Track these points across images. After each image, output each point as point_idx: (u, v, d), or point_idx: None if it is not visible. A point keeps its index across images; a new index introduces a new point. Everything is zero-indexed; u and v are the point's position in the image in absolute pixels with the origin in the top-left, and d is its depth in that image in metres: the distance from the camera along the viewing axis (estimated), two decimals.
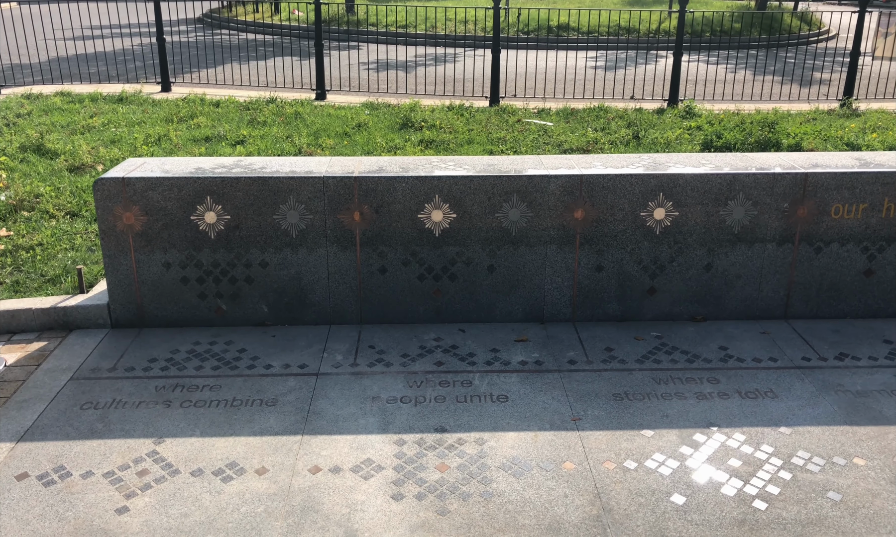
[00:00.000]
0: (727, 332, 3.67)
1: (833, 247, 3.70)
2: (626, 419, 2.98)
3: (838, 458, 2.74)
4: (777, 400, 3.11)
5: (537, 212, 3.61)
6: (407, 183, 3.54)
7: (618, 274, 3.71)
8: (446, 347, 3.52)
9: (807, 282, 3.76)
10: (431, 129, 7.95)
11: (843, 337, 3.63)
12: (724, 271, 3.73)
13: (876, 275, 3.75)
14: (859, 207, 3.65)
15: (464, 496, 2.55)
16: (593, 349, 3.52)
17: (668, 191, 3.59)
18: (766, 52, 14.11)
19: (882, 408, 3.04)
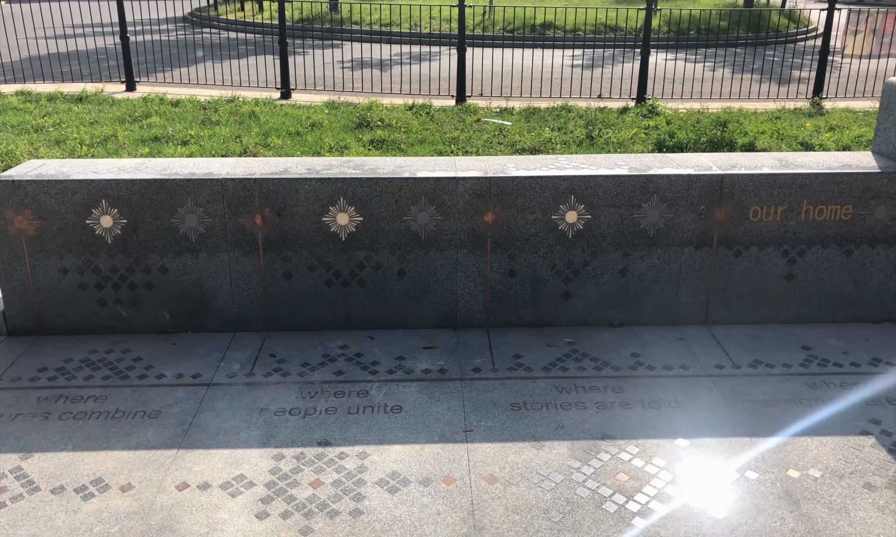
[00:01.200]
0: (642, 339, 3.56)
1: (752, 250, 3.60)
2: (520, 430, 2.87)
3: (733, 469, 2.64)
4: (680, 410, 3.00)
5: (447, 216, 3.50)
6: (310, 185, 3.43)
7: (531, 278, 3.61)
8: (350, 356, 3.41)
9: (727, 286, 3.66)
10: (385, 129, 7.84)
11: (761, 343, 3.53)
12: (640, 276, 3.62)
13: (797, 280, 3.65)
14: (778, 210, 3.55)
15: (332, 514, 2.44)
16: (501, 356, 3.41)
17: (579, 193, 3.49)
18: (752, 49, 14.07)
19: (785, 419, 2.94)
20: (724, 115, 8.51)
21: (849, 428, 2.89)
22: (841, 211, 3.55)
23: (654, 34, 17.71)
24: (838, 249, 3.61)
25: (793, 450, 2.75)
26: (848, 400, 3.07)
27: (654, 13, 18.46)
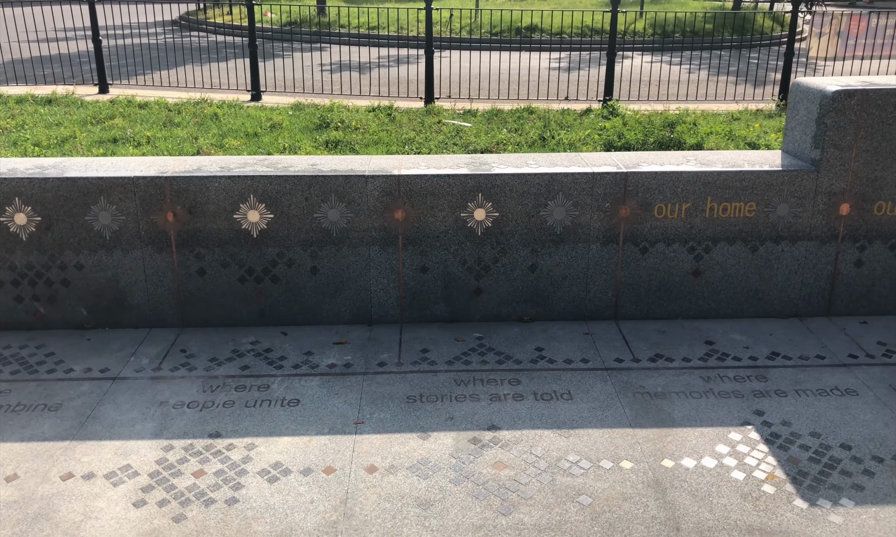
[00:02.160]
0: (550, 333, 3.63)
1: (659, 247, 3.67)
2: (410, 422, 2.93)
3: (606, 462, 2.70)
4: (571, 402, 3.07)
5: (357, 213, 3.56)
6: (220, 183, 3.49)
7: (443, 275, 3.67)
8: (260, 351, 3.47)
9: (635, 282, 3.73)
10: (343, 130, 7.91)
11: (666, 338, 3.60)
12: (549, 272, 3.69)
13: (704, 276, 3.73)
14: (682, 207, 3.62)
15: (208, 502, 2.50)
16: (409, 351, 3.47)
17: (486, 191, 3.55)
18: (736, 52, 14.15)
19: (673, 410, 3.01)
20: (674, 117, 8.59)
21: (731, 419, 2.95)
22: (745, 208, 3.62)
23: (638, 37, 17.85)
24: (744, 246, 3.68)
25: (672, 441, 2.82)
26: (738, 392, 3.14)
27: (640, 16, 18.75)
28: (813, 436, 2.84)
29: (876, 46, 11.14)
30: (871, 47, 11.10)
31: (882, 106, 3.49)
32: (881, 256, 3.72)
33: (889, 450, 2.76)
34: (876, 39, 11.07)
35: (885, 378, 3.23)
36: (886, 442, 2.80)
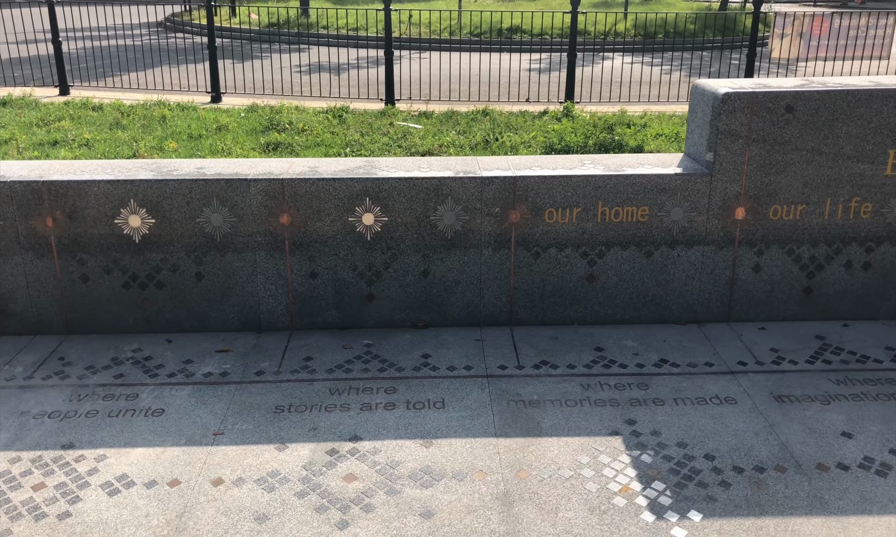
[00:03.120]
0: (441, 340, 3.57)
1: (551, 252, 3.61)
2: (271, 433, 2.86)
3: (461, 473, 2.63)
4: (443, 410, 3.01)
5: (241, 218, 3.50)
6: (99, 187, 3.42)
7: (333, 280, 3.61)
8: (139, 359, 3.40)
9: (528, 287, 3.67)
10: (288, 133, 7.84)
11: (557, 344, 3.54)
12: (442, 277, 3.63)
13: (599, 281, 3.67)
14: (573, 211, 3.55)
15: (39, 516, 2.43)
16: (292, 359, 3.41)
17: (374, 195, 3.49)
18: (718, 53, 14.09)
19: (543, 419, 2.94)
20: (626, 119, 8.53)
21: (601, 428, 2.89)
22: (637, 212, 3.56)
23: (620, 38, 17.79)
24: (638, 251, 3.62)
25: (533, 451, 2.76)
26: (615, 401, 3.08)
27: (625, 18, 18.67)
28: (679, 447, 2.78)
29: (839, 47, 11.11)
30: (833, 48, 11.07)
31: (773, 109, 3.43)
32: (779, 261, 3.66)
33: (752, 460, 2.70)
34: (839, 40, 11.03)
35: (768, 386, 3.18)
36: (752, 452, 2.74)
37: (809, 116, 3.45)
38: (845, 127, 3.46)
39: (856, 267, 3.68)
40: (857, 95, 3.42)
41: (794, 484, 2.58)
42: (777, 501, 2.50)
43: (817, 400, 3.07)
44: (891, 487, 2.56)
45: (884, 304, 3.74)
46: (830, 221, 3.60)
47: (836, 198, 3.56)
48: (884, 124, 3.46)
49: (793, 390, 3.14)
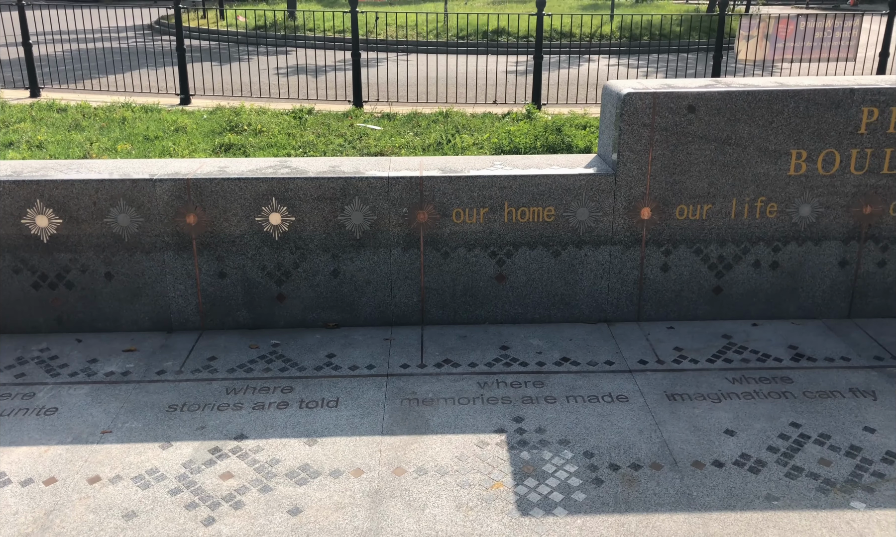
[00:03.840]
0: (350, 339, 3.58)
1: (460, 252, 3.63)
2: (159, 432, 2.88)
3: (339, 470, 2.65)
4: (335, 409, 3.02)
5: (148, 218, 3.51)
6: (3, 187, 3.43)
7: (243, 280, 3.62)
8: (45, 358, 3.41)
9: (439, 287, 3.69)
10: (245, 134, 7.85)
11: (464, 343, 3.55)
12: (352, 277, 3.65)
13: (508, 281, 3.69)
14: (480, 212, 3.58)
15: None
16: (196, 358, 3.42)
17: (280, 195, 3.51)
18: (704, 55, 14.14)
19: (433, 417, 2.96)
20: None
21: (488, 425, 2.91)
22: (543, 212, 3.58)
23: (606, 40, 17.80)
24: (546, 251, 3.64)
25: (416, 449, 2.77)
26: (508, 398, 3.10)
27: (611, 20, 18.69)
28: (561, 444, 2.80)
29: (805, 49, 11.15)
30: (800, 50, 11.12)
31: (674, 109, 3.46)
32: (687, 261, 3.69)
33: (630, 458, 2.72)
34: (805, 42, 11.08)
35: (664, 384, 3.20)
36: (632, 450, 2.77)
37: (712, 117, 3.47)
38: (747, 127, 3.49)
39: (764, 266, 3.70)
40: (758, 96, 3.45)
41: (665, 481, 2.60)
42: (645, 498, 2.52)
43: (709, 398, 3.10)
44: (760, 483, 2.58)
45: (793, 303, 3.77)
46: (737, 221, 3.63)
47: (741, 198, 3.59)
48: (785, 124, 3.49)
49: (687, 388, 3.17)
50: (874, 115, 3.47)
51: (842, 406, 3.03)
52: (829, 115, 3.48)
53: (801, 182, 3.57)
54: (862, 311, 3.78)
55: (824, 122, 3.49)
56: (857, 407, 3.02)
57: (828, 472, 2.63)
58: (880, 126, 3.49)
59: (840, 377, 3.24)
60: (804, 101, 3.46)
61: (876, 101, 3.46)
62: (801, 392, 3.13)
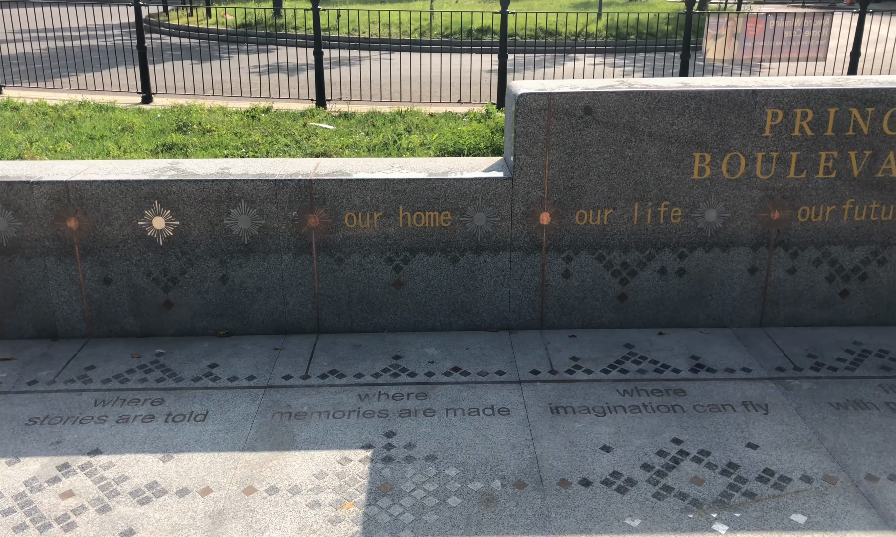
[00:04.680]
0: (239, 348, 3.46)
1: (355, 257, 3.50)
2: (11, 447, 2.73)
3: (186, 489, 2.53)
4: (202, 424, 2.89)
5: (27, 221, 3.38)
6: None
7: (128, 287, 3.50)
8: None
9: (335, 294, 3.56)
10: (192, 134, 7.71)
11: (357, 352, 3.43)
12: (242, 283, 3.52)
13: (406, 287, 3.56)
14: (374, 216, 3.45)
15: None
16: (75, 367, 3.29)
17: (163, 199, 3.38)
18: (692, 53, 14.04)
19: (301, 432, 2.83)
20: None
21: (356, 440, 2.79)
22: (440, 217, 3.46)
23: (592, 39, 17.64)
24: (444, 256, 3.52)
25: (275, 466, 2.65)
26: (385, 411, 2.97)
27: (598, 19, 18.55)
28: (427, 460, 2.68)
29: (775, 49, 11.04)
30: (769, 49, 11.00)
31: (570, 111, 3.34)
32: (590, 267, 3.57)
33: (496, 475, 2.59)
34: (774, 41, 10.97)
35: (551, 396, 3.08)
36: (499, 467, 2.64)
37: (610, 118, 3.35)
38: (648, 129, 3.37)
39: (670, 273, 3.59)
40: (657, 97, 3.33)
41: (525, 501, 2.48)
42: (500, 520, 2.40)
43: (593, 411, 2.98)
44: (623, 505, 2.46)
45: (702, 311, 3.65)
46: (640, 227, 3.51)
47: (644, 202, 3.47)
48: (687, 127, 3.37)
49: (573, 401, 3.05)
50: (778, 117, 3.36)
51: (730, 421, 2.91)
52: (731, 117, 3.36)
53: (706, 186, 3.46)
54: (774, 319, 3.67)
55: (727, 125, 3.37)
56: (745, 421, 2.90)
57: (698, 492, 2.52)
58: (785, 129, 3.37)
59: (736, 389, 3.13)
60: (706, 103, 3.34)
61: (779, 103, 3.34)
62: (692, 406, 3.02)
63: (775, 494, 2.50)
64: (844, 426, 2.87)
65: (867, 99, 3.34)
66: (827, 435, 2.82)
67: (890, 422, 2.89)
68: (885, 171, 3.44)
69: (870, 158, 3.42)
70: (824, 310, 3.65)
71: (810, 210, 3.50)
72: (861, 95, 3.34)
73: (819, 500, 2.47)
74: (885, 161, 3.42)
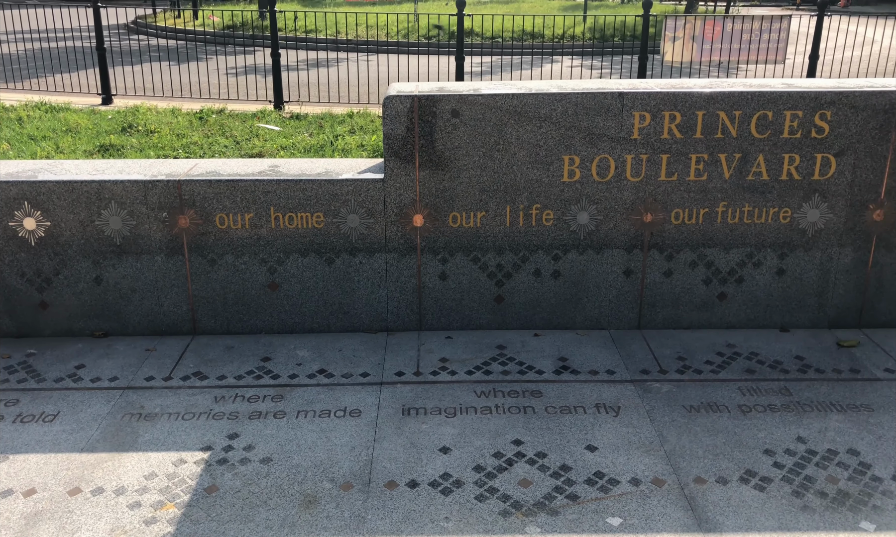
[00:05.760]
0: (112, 349, 3.44)
1: (227, 258, 3.50)
2: None
3: (17, 489, 2.52)
4: (50, 424, 2.88)
5: None
6: None
7: (2, 287, 3.48)
8: None
9: (210, 295, 3.56)
10: (135, 134, 7.71)
11: (229, 354, 3.42)
12: (116, 284, 3.52)
13: (282, 289, 3.56)
14: (245, 217, 3.45)
15: None
16: None
17: (32, 199, 3.38)
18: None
19: (146, 433, 2.82)
20: None
21: (197, 442, 2.78)
22: (312, 219, 3.46)
23: (577, 41, 17.61)
24: (318, 258, 3.52)
25: (109, 467, 2.63)
26: (237, 413, 2.96)
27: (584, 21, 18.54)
28: (262, 462, 2.68)
29: (734, 51, 11.06)
30: (728, 52, 11.02)
31: (438, 113, 3.34)
32: (466, 269, 3.57)
33: (325, 477, 2.59)
34: (732, 44, 10.99)
35: (408, 397, 3.08)
36: (332, 469, 2.64)
37: (477, 121, 3.36)
38: (515, 132, 3.37)
39: (545, 275, 3.59)
40: (524, 100, 3.33)
41: (346, 503, 2.48)
42: (314, 522, 2.40)
43: (445, 413, 2.98)
44: (443, 506, 2.46)
45: (579, 313, 3.65)
46: (513, 229, 3.51)
47: (515, 205, 3.47)
48: (555, 129, 3.37)
49: (427, 402, 3.05)
50: (646, 119, 3.36)
51: (578, 423, 2.92)
52: (599, 120, 3.36)
53: (577, 189, 3.46)
54: (652, 322, 3.67)
55: (595, 127, 3.37)
56: (593, 424, 2.91)
57: (522, 494, 2.52)
58: (653, 131, 3.38)
59: (593, 391, 3.13)
60: (573, 105, 3.35)
61: (647, 106, 3.35)
62: (545, 407, 3.02)
63: (599, 497, 2.51)
64: (690, 428, 2.88)
65: (734, 102, 3.35)
66: (669, 438, 2.82)
67: (736, 425, 2.90)
68: (755, 174, 3.45)
69: (740, 161, 3.43)
70: (703, 313, 3.66)
71: (683, 212, 3.51)
72: (727, 98, 3.34)
73: (640, 503, 2.48)
74: (755, 164, 3.43)
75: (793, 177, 3.45)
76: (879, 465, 2.66)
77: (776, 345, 3.51)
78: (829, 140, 3.41)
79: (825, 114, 3.37)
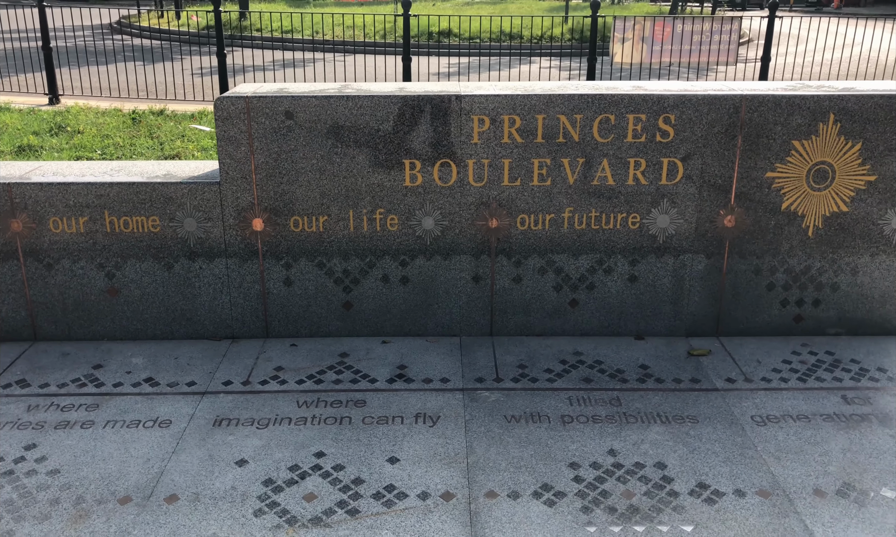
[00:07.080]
0: None
1: (64, 263, 3.43)
2: None
3: None
4: None
5: None
6: None
7: None
8: None
9: (49, 301, 3.48)
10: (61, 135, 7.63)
11: (62, 361, 3.34)
12: None
13: (122, 294, 3.48)
14: (80, 220, 3.38)
15: None
16: None
17: None
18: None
19: None
20: None
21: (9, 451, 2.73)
22: (148, 222, 3.38)
23: (557, 43, 17.52)
24: (157, 263, 3.44)
25: None
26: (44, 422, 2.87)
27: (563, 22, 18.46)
28: (49, 474, 2.58)
29: (684, 52, 11.00)
30: (678, 53, 10.97)
31: (271, 115, 3.26)
32: (311, 275, 3.50)
33: (108, 491, 2.50)
34: (683, 45, 10.93)
35: (226, 408, 2.99)
36: (119, 482, 2.55)
37: (312, 124, 3.28)
38: (353, 135, 3.30)
39: (393, 281, 3.52)
40: (360, 102, 3.25)
41: (119, 517, 2.40)
42: (86, 533, 2.33)
43: (258, 424, 2.89)
44: (219, 521, 2.38)
45: (430, 320, 3.57)
46: (357, 234, 3.44)
47: (358, 210, 3.40)
48: (393, 133, 3.28)
49: (244, 413, 2.96)
50: (485, 123, 3.29)
51: (390, 433, 2.84)
52: (438, 124, 3.29)
53: (419, 193, 3.39)
54: (504, 328, 3.60)
55: (435, 131, 3.30)
56: (405, 435, 2.84)
57: (302, 509, 2.45)
58: (494, 136, 3.31)
59: (418, 400, 3.06)
60: (410, 108, 3.27)
61: (485, 110, 3.27)
62: (363, 418, 2.95)
63: (380, 511, 2.44)
64: (503, 440, 2.81)
65: (574, 105, 3.28)
66: (477, 450, 2.75)
67: (551, 437, 2.83)
68: (601, 179, 3.38)
69: (584, 166, 3.36)
70: (555, 320, 3.59)
71: (529, 218, 3.44)
72: (567, 101, 3.28)
73: (420, 518, 2.41)
74: (600, 168, 3.36)
75: (640, 182, 3.39)
76: (681, 480, 2.59)
77: (625, 354, 3.45)
78: (674, 144, 3.34)
79: (669, 117, 3.31)
